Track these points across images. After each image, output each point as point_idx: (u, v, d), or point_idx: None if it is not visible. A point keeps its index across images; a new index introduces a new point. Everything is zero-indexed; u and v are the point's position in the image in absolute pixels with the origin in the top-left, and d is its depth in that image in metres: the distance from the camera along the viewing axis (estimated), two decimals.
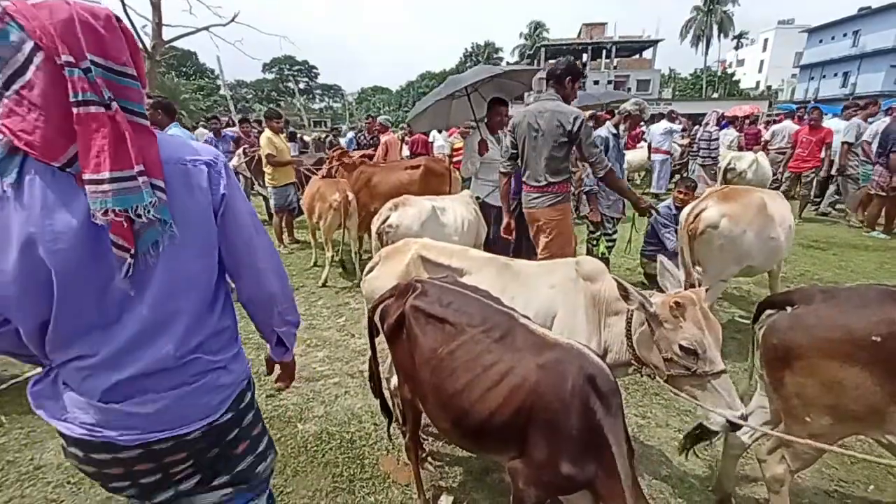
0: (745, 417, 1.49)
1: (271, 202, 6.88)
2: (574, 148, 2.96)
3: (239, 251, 1.08)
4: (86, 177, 0.80)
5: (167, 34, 12.57)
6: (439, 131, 11.75)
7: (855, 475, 2.22)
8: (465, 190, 3.97)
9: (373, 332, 1.90)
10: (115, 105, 0.82)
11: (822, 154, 7.15)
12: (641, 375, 1.88)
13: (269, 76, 57.70)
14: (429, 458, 2.32)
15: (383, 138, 7.78)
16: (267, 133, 6.38)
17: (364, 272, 2.39)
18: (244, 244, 1.08)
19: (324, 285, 4.94)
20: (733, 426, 1.49)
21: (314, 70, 61.47)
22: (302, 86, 56.64)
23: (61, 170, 0.82)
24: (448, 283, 1.72)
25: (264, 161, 5.96)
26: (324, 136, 12.76)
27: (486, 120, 4.14)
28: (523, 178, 3.21)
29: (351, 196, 4.81)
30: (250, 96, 54.34)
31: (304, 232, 6.96)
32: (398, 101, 54.54)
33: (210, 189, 0.98)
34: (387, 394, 2.23)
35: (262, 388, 3.01)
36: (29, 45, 0.75)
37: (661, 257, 1.85)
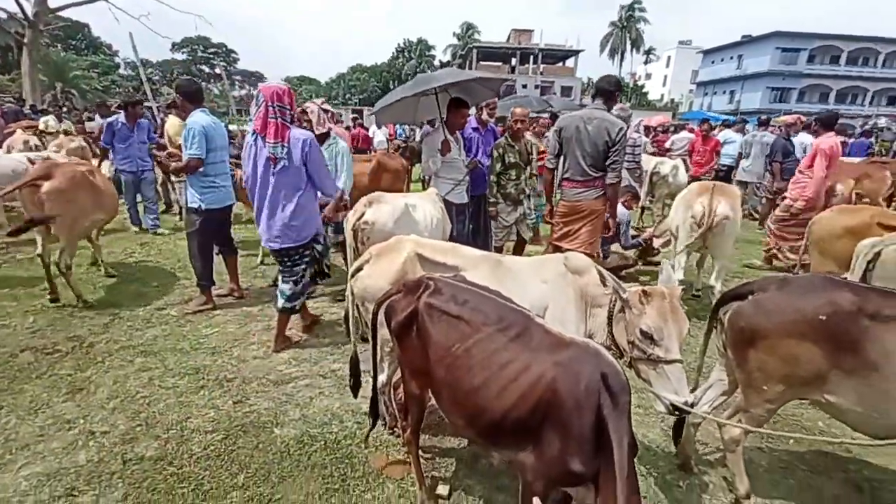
0: (690, 405, 1.66)
1: (181, 198, 6.05)
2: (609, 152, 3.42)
3: (312, 172, 3.05)
4: (267, 140, 2.91)
5: (54, 1, 10.92)
6: (380, 125, 11.61)
7: (780, 432, 2.64)
8: (432, 188, 4.01)
9: (376, 330, 1.89)
10: (279, 119, 2.91)
11: (714, 160, 8.51)
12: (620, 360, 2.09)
13: (180, 57, 52.44)
14: (420, 452, 2.34)
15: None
16: (176, 120, 5.68)
17: (352, 270, 2.34)
18: (315, 171, 3.05)
19: (274, 284, 4.68)
20: (676, 410, 1.67)
21: (233, 54, 56.88)
22: (218, 70, 52.16)
23: (262, 137, 2.93)
24: (460, 281, 1.76)
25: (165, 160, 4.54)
26: None
27: (445, 121, 4.21)
28: (566, 175, 3.63)
29: None
30: (157, 77, 48.93)
31: (241, 227, 6.53)
32: (328, 92, 52.52)
33: (302, 149, 2.96)
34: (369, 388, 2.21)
35: (227, 393, 2.83)
36: (262, 98, 2.91)
37: (665, 264, 2.02)
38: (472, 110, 4.80)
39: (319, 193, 3.21)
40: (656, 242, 4.88)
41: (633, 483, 1.23)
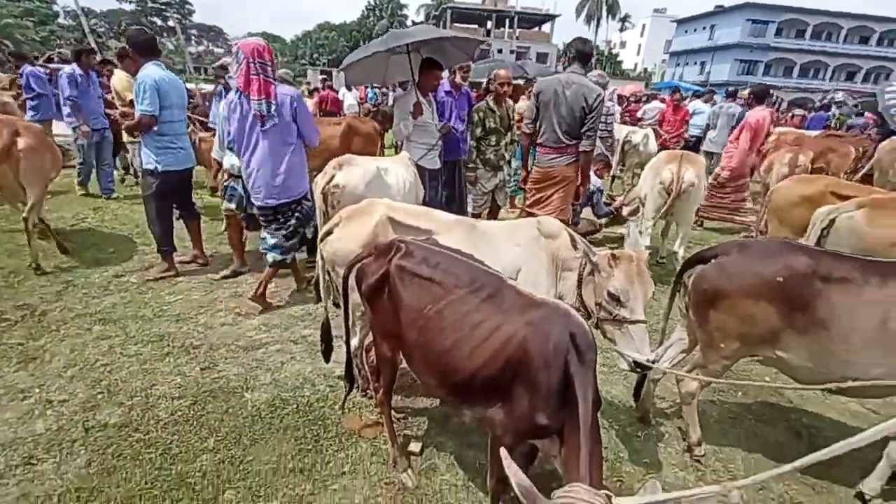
0: (652, 362, 1.76)
1: (135, 160, 5.73)
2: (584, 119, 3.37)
3: (301, 127, 3.11)
4: (252, 97, 2.88)
5: None
6: (350, 88, 11.12)
7: (729, 387, 2.83)
8: (404, 152, 3.90)
9: (347, 294, 1.86)
10: (261, 76, 2.86)
11: (683, 129, 8.72)
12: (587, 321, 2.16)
13: (128, 7, 48.00)
14: (392, 412, 2.38)
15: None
16: (123, 74, 5.25)
17: (321, 234, 2.27)
18: (303, 125, 3.11)
19: None
20: (639, 367, 1.74)
21: (188, 5, 52.49)
22: (172, 24, 48.09)
23: (246, 96, 2.89)
24: (431, 244, 1.74)
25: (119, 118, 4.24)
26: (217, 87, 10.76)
27: (417, 83, 4.05)
28: (540, 140, 3.57)
29: None
30: (102, 29, 44.70)
31: (204, 192, 6.23)
32: (293, 51, 49.68)
33: (291, 105, 3.00)
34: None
35: (194, 360, 2.77)
36: (242, 56, 2.84)
37: (632, 227, 2.07)
38: (445, 74, 4.65)
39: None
40: (625, 211, 4.98)
41: (595, 434, 1.29)
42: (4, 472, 1.92)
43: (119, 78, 5.42)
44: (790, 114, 12.38)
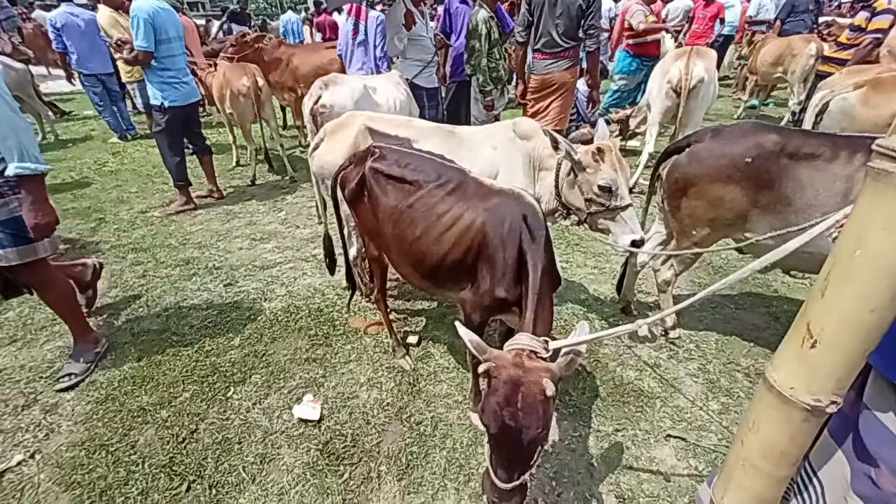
0: (643, 240, 1.89)
1: (137, 100, 5.89)
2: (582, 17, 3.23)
3: (374, 47, 4.06)
4: (350, 16, 3.99)
5: None
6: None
7: (714, 279, 2.95)
8: (395, 70, 3.84)
9: (337, 201, 2.01)
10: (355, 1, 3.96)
11: (717, 28, 7.71)
12: (565, 220, 2.27)
13: None
14: (393, 313, 2.65)
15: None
16: (106, 10, 5.17)
17: (310, 150, 2.40)
18: (376, 46, 4.06)
19: (253, 183, 4.75)
20: (635, 245, 1.88)
21: None
22: None
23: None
24: (404, 147, 1.84)
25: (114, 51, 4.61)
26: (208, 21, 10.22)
27: None
28: (536, 47, 3.46)
29: (261, 81, 4.42)
30: None
31: (212, 132, 6.36)
32: None
33: (374, 27, 3.96)
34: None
35: (217, 279, 3.07)
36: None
37: (600, 120, 2.10)
38: None
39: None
40: (632, 122, 4.80)
41: (543, 298, 1.43)
42: None
43: (101, 14, 5.28)
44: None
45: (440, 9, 5.64)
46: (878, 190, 0.61)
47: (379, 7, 4.15)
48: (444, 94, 4.64)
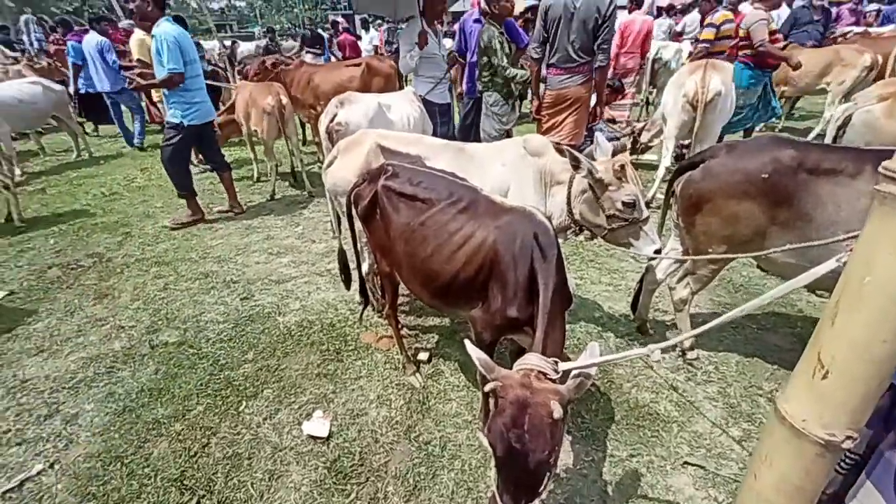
0: (660, 249, 1.93)
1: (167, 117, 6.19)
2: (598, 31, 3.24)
3: None
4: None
5: None
6: (367, 27, 10.77)
7: (734, 297, 2.86)
8: (408, 87, 3.91)
9: (351, 217, 2.04)
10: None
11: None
12: (576, 237, 2.25)
13: None
14: (404, 329, 2.65)
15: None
16: (139, 34, 5.39)
17: (324, 167, 2.45)
18: None
19: (272, 198, 4.87)
20: (657, 253, 1.92)
21: None
22: None
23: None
24: (416, 165, 1.86)
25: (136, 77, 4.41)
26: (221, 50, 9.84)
27: (423, 10, 3.95)
28: (551, 62, 3.49)
29: (285, 100, 4.57)
30: None
31: (234, 149, 6.56)
32: None
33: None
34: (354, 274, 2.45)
35: (234, 292, 3.14)
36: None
37: (596, 133, 2.10)
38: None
39: None
40: (644, 136, 4.71)
41: (554, 318, 1.42)
42: (94, 377, 2.39)
43: (135, 41, 5.56)
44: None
45: (456, 26, 5.75)
46: (885, 214, 0.58)
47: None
48: (460, 111, 4.70)
